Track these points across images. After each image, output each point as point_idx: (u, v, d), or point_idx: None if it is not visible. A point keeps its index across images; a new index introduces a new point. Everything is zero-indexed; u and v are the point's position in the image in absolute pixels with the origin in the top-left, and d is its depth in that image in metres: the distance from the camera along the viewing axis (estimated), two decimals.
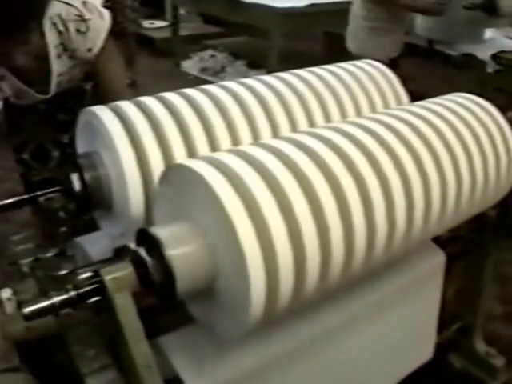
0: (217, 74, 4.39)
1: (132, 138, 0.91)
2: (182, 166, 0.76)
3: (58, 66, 1.26)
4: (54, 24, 1.20)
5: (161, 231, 0.72)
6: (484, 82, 2.38)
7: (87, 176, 0.96)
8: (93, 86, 1.44)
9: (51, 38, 1.21)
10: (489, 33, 2.83)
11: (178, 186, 0.77)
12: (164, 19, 5.65)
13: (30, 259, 0.96)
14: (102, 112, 0.94)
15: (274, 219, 0.71)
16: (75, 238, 1.03)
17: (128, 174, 0.90)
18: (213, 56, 4.84)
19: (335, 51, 3.10)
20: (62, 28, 1.20)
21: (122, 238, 0.98)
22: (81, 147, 1.02)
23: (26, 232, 1.08)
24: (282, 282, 0.71)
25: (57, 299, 0.67)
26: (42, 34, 1.19)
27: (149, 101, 0.99)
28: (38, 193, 0.95)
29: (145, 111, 0.96)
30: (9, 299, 0.82)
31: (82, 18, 1.21)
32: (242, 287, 0.69)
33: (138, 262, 0.71)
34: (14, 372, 0.73)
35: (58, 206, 0.96)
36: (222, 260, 0.72)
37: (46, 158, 1.45)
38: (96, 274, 0.70)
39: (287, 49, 3.57)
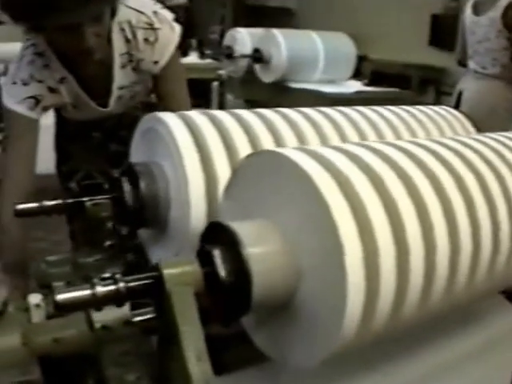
0: None
1: (200, 149, 0.78)
2: (271, 153, 0.61)
3: (120, 77, 1.15)
4: (123, 30, 1.11)
5: (237, 226, 0.57)
6: None
7: (143, 185, 0.82)
8: None
9: (118, 45, 1.12)
10: None
11: (256, 177, 0.63)
12: (209, 108, 5.75)
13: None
14: (169, 118, 0.83)
15: (379, 222, 0.55)
16: None
17: (192, 189, 0.76)
18: None
19: None
20: (130, 35, 1.11)
21: None
22: (137, 157, 0.90)
23: (63, 253, 0.94)
24: (381, 296, 0.54)
25: (100, 289, 0.52)
26: (109, 40, 1.11)
27: (218, 113, 0.88)
28: (85, 198, 0.82)
29: (214, 121, 0.84)
30: (37, 306, 0.67)
31: (151, 27, 1.11)
32: (334, 300, 0.53)
33: (205, 261, 0.56)
34: None
35: (106, 215, 0.81)
36: (309, 266, 0.56)
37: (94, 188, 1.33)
38: (153, 268, 0.54)
39: None
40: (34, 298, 0.67)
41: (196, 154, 0.78)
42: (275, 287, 0.56)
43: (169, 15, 1.16)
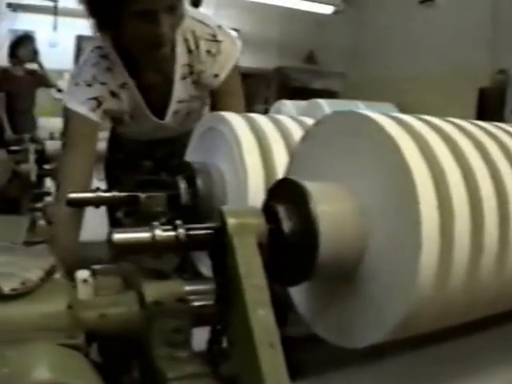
0: None
1: (263, 154, 0.76)
2: (347, 114, 0.59)
3: (180, 89, 1.16)
4: (186, 40, 1.12)
5: (306, 183, 0.53)
6: None
7: (199, 184, 0.80)
8: None
9: (180, 56, 1.12)
10: None
11: (326, 139, 0.59)
12: None
13: None
14: (231, 116, 0.82)
15: (458, 189, 0.51)
16: None
17: (252, 193, 0.73)
18: None
19: None
20: (193, 46, 1.12)
21: None
22: (194, 157, 0.88)
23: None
24: (456, 254, 0.50)
25: (159, 233, 0.48)
26: (173, 48, 1.11)
27: (282, 118, 0.87)
28: (140, 193, 0.80)
29: (277, 124, 0.82)
30: (85, 281, 0.63)
31: (214, 39, 1.12)
32: (406, 260, 0.49)
33: (270, 218, 0.52)
34: (73, 349, 0.51)
35: (160, 210, 0.79)
36: (379, 228, 0.51)
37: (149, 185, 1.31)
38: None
39: None
40: (82, 274, 0.64)
41: (257, 151, 0.76)
42: (342, 248, 0.52)
43: (233, 33, 1.18)
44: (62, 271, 0.64)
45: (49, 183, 1.83)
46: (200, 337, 0.58)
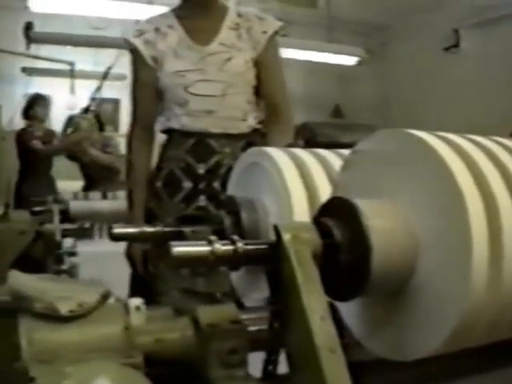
0: None
1: (308, 190, 0.81)
2: (394, 133, 0.64)
3: (225, 34, 1.52)
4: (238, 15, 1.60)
5: (357, 201, 0.59)
6: None
7: (244, 217, 0.85)
8: None
9: (231, 13, 1.56)
10: None
11: (373, 158, 0.65)
12: None
13: None
14: (274, 152, 0.87)
15: (506, 204, 0.56)
16: None
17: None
18: None
19: None
20: (242, 11, 1.61)
21: None
22: (236, 191, 0.94)
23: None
24: (507, 266, 0.54)
25: (218, 247, 0.53)
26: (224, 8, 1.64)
27: (322, 151, 0.92)
28: (185, 228, 0.85)
29: (319, 158, 0.88)
30: (137, 308, 0.68)
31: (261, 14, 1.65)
32: (456, 272, 0.53)
33: (322, 235, 0.56)
34: (131, 368, 0.55)
35: None
36: (429, 246, 0.57)
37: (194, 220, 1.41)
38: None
39: None
40: (135, 301, 0.68)
41: (301, 183, 0.81)
42: (394, 264, 0.56)
43: None
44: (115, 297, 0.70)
45: (70, 243, 1.90)
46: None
